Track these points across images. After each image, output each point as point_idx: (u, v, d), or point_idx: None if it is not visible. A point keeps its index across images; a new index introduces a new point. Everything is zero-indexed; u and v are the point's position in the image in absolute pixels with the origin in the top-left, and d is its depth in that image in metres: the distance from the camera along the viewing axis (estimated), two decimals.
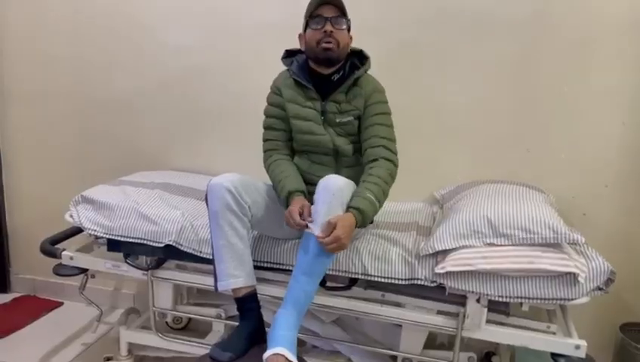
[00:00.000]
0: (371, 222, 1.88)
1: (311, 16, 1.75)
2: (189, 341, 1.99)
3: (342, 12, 1.75)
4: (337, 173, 1.78)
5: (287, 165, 1.82)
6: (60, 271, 2.02)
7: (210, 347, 1.66)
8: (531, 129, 2.10)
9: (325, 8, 1.73)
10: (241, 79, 2.31)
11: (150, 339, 2.02)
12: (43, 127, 2.61)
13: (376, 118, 1.78)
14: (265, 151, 1.89)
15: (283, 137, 1.87)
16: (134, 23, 2.39)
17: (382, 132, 1.77)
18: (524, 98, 2.08)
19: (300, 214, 1.60)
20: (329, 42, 1.72)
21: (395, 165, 1.76)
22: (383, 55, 2.12)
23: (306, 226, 1.57)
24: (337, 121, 1.79)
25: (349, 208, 1.60)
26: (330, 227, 1.53)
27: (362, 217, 1.59)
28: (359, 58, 1.83)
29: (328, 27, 1.71)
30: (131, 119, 2.49)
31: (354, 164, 1.84)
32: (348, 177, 1.68)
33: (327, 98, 1.79)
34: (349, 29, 1.79)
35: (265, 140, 1.89)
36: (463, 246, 1.63)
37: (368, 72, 1.83)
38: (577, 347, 1.62)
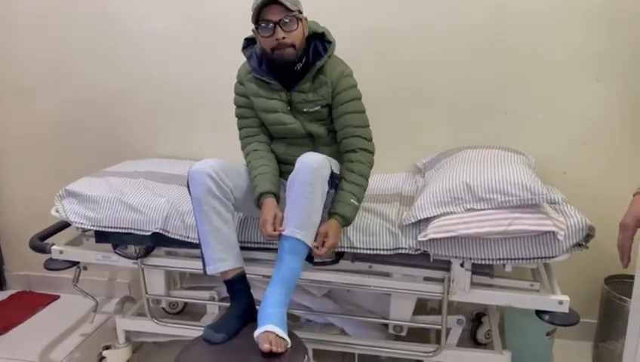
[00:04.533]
0: None
1: (258, 21, 1.65)
2: (184, 324, 2.02)
3: (288, 9, 1.62)
4: (315, 151, 1.79)
5: (262, 159, 1.80)
6: (51, 265, 2.04)
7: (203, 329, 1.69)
8: (508, 92, 2.11)
9: (270, 10, 1.61)
10: (222, 64, 2.29)
11: (146, 325, 2.05)
12: (26, 125, 2.59)
13: (346, 106, 1.74)
14: (241, 140, 1.88)
15: (256, 123, 1.85)
16: (110, 13, 2.35)
17: (355, 120, 1.75)
18: (500, 62, 2.09)
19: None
20: (283, 49, 1.65)
21: (372, 152, 1.78)
22: (358, 30, 2.11)
23: (279, 236, 1.61)
24: (305, 110, 1.77)
25: (334, 214, 1.67)
26: (322, 236, 1.63)
27: (346, 222, 1.69)
28: (322, 41, 1.75)
29: (279, 34, 1.62)
30: (113, 110, 2.48)
31: (331, 143, 1.83)
32: (328, 155, 1.70)
33: (292, 88, 1.75)
34: (300, 20, 1.67)
35: (240, 128, 1.88)
36: (444, 213, 1.65)
37: (335, 54, 1.77)
38: (560, 302, 1.66)
